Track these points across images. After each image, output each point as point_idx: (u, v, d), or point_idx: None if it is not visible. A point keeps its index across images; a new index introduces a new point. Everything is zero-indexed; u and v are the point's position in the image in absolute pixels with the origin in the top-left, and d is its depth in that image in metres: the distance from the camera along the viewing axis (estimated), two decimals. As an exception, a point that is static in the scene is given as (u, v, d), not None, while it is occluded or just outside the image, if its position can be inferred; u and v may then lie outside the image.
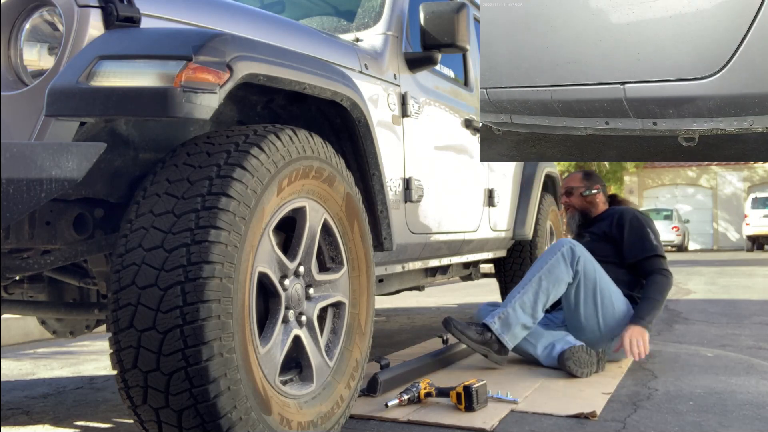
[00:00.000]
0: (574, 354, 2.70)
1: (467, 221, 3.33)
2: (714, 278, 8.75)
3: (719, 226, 24.81)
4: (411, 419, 2.12)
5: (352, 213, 1.99)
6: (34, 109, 1.44)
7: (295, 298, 1.76)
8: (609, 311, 2.87)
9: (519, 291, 2.87)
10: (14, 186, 1.20)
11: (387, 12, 2.70)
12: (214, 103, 1.44)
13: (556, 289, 2.84)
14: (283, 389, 1.69)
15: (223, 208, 1.44)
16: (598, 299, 2.86)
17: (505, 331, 2.80)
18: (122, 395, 1.46)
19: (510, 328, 2.80)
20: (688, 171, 25.35)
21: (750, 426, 2.04)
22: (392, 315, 5.13)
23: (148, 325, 1.39)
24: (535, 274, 2.87)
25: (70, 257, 1.72)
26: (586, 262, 2.86)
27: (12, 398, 2.64)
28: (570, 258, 2.84)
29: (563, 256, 2.84)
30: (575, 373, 2.67)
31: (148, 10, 1.57)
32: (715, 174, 24.97)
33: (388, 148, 2.51)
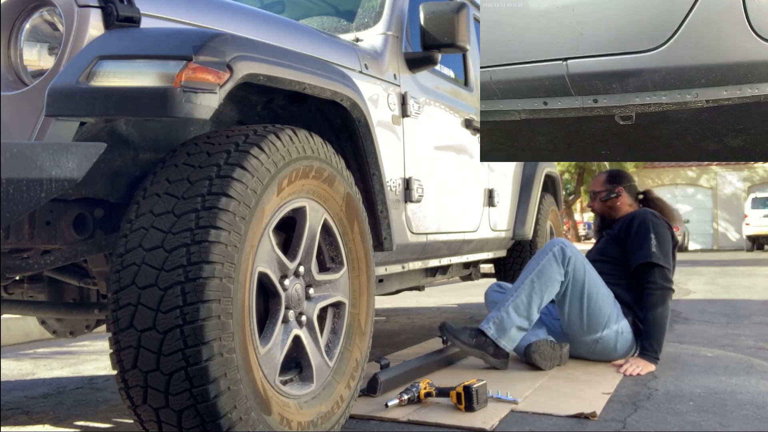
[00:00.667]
0: (539, 347, 2.78)
1: (467, 221, 3.33)
2: (714, 278, 8.75)
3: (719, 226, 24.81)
4: (411, 419, 2.11)
5: (352, 213, 1.99)
6: (34, 109, 1.44)
7: (295, 298, 1.76)
8: (594, 313, 2.87)
9: (513, 293, 2.88)
10: (14, 186, 1.20)
11: (387, 12, 2.70)
12: (214, 103, 1.44)
13: (549, 290, 2.85)
14: (283, 389, 1.69)
15: (223, 208, 1.44)
16: (584, 301, 2.87)
17: (501, 335, 2.80)
18: (122, 395, 1.46)
19: (506, 332, 2.80)
20: (688, 171, 25.35)
21: (750, 426, 2.04)
22: (392, 315, 5.13)
23: (148, 325, 1.39)
24: (528, 276, 2.88)
25: (70, 257, 1.72)
26: (576, 262, 2.86)
27: (12, 398, 2.64)
28: (561, 258, 2.85)
29: (555, 257, 2.86)
30: (540, 365, 2.77)
31: (148, 10, 1.57)
32: (715, 174, 24.98)
33: (388, 148, 2.51)
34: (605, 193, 3.29)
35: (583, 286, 2.86)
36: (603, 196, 3.29)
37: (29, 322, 4.10)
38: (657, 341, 2.84)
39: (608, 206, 3.29)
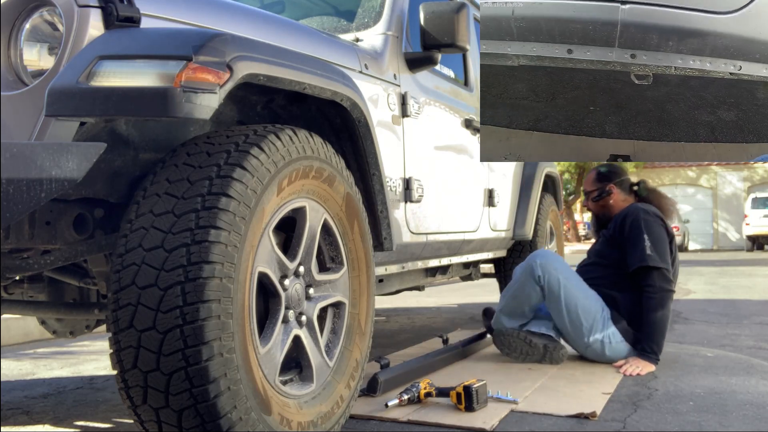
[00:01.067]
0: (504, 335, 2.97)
1: (467, 221, 3.32)
2: (714, 278, 8.75)
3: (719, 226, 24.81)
4: (411, 419, 2.11)
5: (352, 213, 1.99)
6: (34, 109, 1.44)
7: (295, 298, 1.76)
8: (575, 322, 2.89)
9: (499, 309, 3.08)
10: (14, 186, 1.20)
11: (387, 12, 2.70)
12: (214, 103, 1.44)
13: (530, 304, 3.00)
14: (283, 389, 1.69)
15: (223, 208, 1.44)
16: (564, 313, 2.90)
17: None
18: (122, 395, 1.46)
19: None
20: (688, 171, 25.35)
21: (750, 426, 2.04)
22: (392, 315, 5.13)
23: (148, 325, 1.39)
24: (509, 292, 3.07)
25: (70, 257, 1.72)
26: (550, 278, 2.90)
27: (12, 398, 2.64)
28: (534, 275, 2.93)
29: (531, 275, 2.95)
30: (500, 351, 2.99)
31: (148, 10, 1.57)
32: (715, 174, 24.98)
33: (388, 148, 2.51)
34: (596, 192, 3.24)
35: (559, 299, 2.90)
36: (594, 195, 3.25)
37: (29, 322, 4.10)
38: (657, 342, 2.84)
39: (601, 205, 3.24)
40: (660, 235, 2.95)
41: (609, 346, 2.86)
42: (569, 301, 2.89)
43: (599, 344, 2.87)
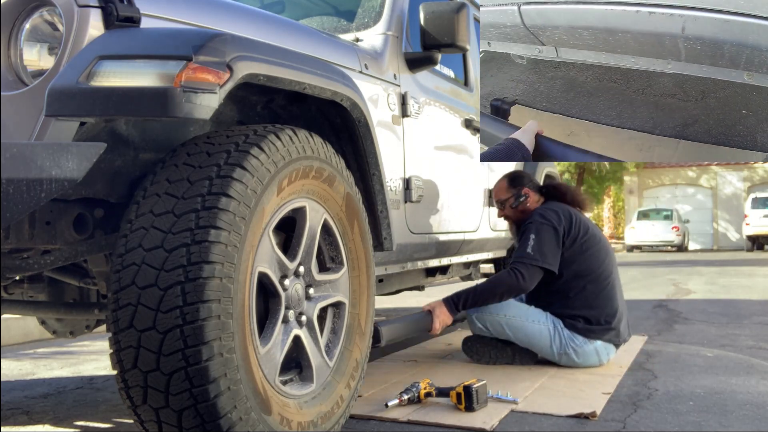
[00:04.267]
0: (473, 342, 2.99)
1: (467, 221, 3.32)
2: (714, 278, 8.74)
3: (719, 226, 24.79)
4: (411, 419, 2.11)
5: (352, 213, 1.99)
6: (34, 109, 1.44)
7: (295, 298, 1.76)
8: (532, 344, 2.88)
9: None
10: (14, 186, 1.20)
11: (387, 12, 2.70)
12: (214, 103, 1.44)
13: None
14: (283, 389, 1.69)
15: (223, 208, 1.44)
16: (519, 341, 2.90)
17: None
18: (122, 395, 1.46)
19: None
20: (689, 171, 25.34)
21: (750, 426, 2.04)
22: (392, 315, 5.13)
23: (148, 325, 1.39)
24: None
25: (70, 257, 1.72)
26: (492, 324, 2.92)
27: (12, 398, 2.64)
28: (481, 327, 2.96)
29: (477, 327, 2.98)
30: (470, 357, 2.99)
31: (148, 10, 1.57)
32: (715, 174, 24.97)
33: (388, 148, 2.51)
34: (513, 198, 3.15)
35: (508, 336, 2.90)
36: (512, 202, 3.15)
37: (29, 322, 4.10)
38: (465, 298, 2.85)
39: (520, 211, 3.14)
40: (549, 240, 2.88)
41: (576, 353, 2.83)
42: (518, 334, 2.88)
43: (566, 357, 2.84)
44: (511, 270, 2.85)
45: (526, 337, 2.87)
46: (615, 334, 2.88)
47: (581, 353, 2.83)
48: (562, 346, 2.83)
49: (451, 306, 2.86)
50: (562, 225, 2.92)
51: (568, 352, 2.83)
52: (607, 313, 2.88)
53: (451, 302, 2.87)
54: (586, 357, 2.84)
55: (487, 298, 2.89)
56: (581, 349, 2.83)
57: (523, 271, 2.82)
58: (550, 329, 2.86)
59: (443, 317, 2.84)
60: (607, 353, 2.87)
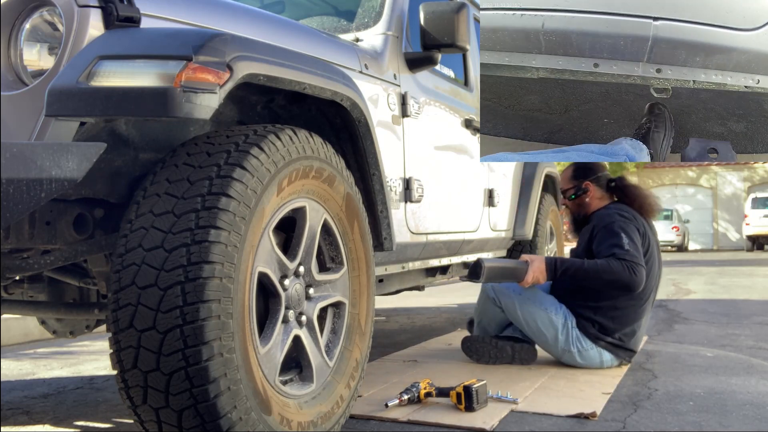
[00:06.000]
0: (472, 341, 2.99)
1: (467, 221, 3.32)
2: (714, 278, 8.74)
3: (719, 226, 24.80)
4: (411, 419, 2.11)
5: (352, 213, 1.99)
6: (34, 109, 1.44)
7: (295, 298, 1.76)
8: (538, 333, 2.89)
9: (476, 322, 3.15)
10: (14, 186, 1.21)
11: (387, 12, 2.70)
12: (214, 103, 1.44)
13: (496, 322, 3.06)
14: (283, 389, 1.69)
15: (223, 208, 1.44)
16: (525, 327, 2.92)
17: None
18: (122, 395, 1.46)
19: None
20: (689, 171, 25.34)
21: (750, 426, 2.04)
22: (392, 315, 5.13)
23: (148, 325, 1.39)
24: (477, 309, 3.15)
25: (70, 257, 1.72)
26: (506, 299, 2.93)
27: (12, 398, 2.64)
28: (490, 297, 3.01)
29: (489, 298, 3.02)
30: (469, 357, 3.00)
31: (148, 10, 1.57)
32: (715, 174, 24.97)
33: (388, 148, 2.51)
34: (572, 190, 3.08)
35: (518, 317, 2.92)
36: (570, 193, 3.08)
37: (29, 322, 4.10)
38: (568, 269, 2.73)
39: (577, 204, 3.08)
40: (635, 237, 2.77)
41: (579, 354, 2.83)
42: (528, 318, 2.88)
43: (569, 354, 2.84)
44: (621, 262, 2.64)
45: (534, 322, 2.86)
46: (623, 351, 2.86)
47: (585, 356, 2.83)
48: (568, 343, 2.82)
49: (551, 267, 2.75)
50: (642, 225, 2.88)
51: (571, 351, 2.83)
52: (625, 332, 2.84)
53: (552, 264, 2.76)
54: (589, 360, 2.84)
55: (591, 279, 2.70)
56: (586, 352, 2.83)
57: (636, 271, 2.65)
58: (561, 323, 2.83)
59: (538, 274, 2.74)
60: (611, 361, 2.86)
